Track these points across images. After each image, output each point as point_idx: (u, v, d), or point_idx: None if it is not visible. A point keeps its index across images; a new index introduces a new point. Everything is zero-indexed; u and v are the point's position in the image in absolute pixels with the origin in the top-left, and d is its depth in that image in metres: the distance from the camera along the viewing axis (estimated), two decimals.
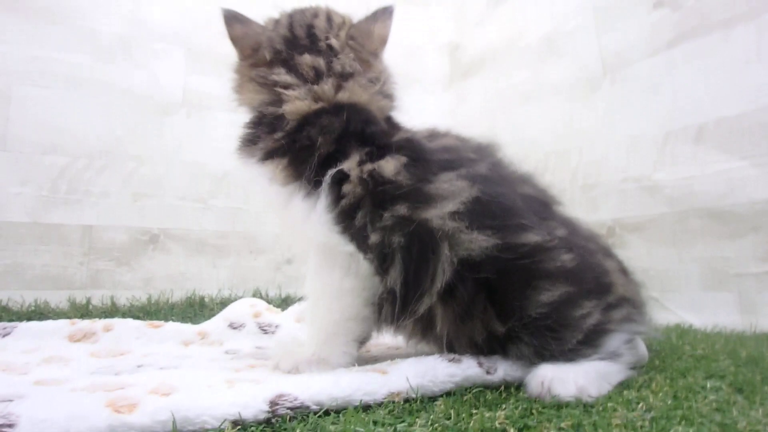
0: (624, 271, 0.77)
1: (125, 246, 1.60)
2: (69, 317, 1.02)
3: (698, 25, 1.35)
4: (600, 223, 1.54)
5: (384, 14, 0.80)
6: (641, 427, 0.49)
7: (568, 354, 0.63)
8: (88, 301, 1.41)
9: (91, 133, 1.58)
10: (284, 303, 1.38)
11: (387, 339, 0.84)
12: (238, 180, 1.76)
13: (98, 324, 0.89)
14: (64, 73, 1.56)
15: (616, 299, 0.69)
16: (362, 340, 0.75)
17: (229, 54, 0.79)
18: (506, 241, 0.63)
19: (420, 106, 2.30)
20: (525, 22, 1.90)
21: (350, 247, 0.67)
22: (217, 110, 1.76)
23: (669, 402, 0.57)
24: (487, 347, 0.67)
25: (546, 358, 0.63)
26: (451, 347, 0.67)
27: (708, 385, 0.63)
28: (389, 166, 0.66)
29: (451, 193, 0.65)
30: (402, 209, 0.64)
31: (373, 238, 0.65)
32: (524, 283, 0.63)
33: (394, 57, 0.84)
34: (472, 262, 0.63)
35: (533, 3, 1.88)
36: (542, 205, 0.74)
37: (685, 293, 1.34)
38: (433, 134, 0.78)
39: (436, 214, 0.64)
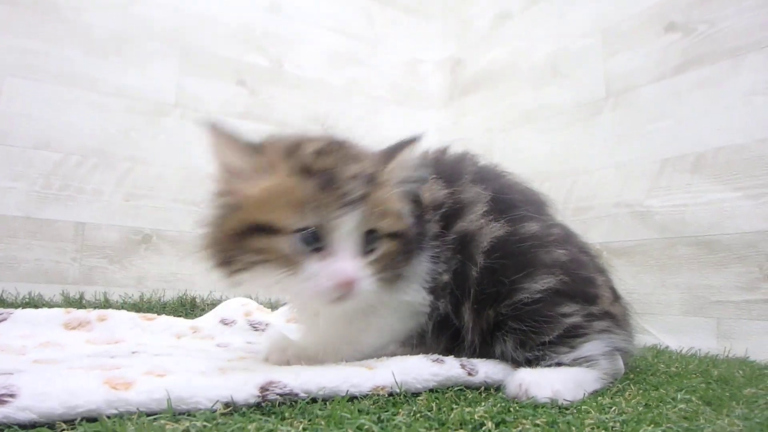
0: (614, 290, 0.80)
1: (117, 245, 1.61)
2: None
3: (709, 51, 1.34)
4: None
5: None
6: (612, 427, 0.52)
7: (546, 347, 0.67)
8: (81, 296, 1.42)
9: (83, 130, 1.58)
10: (273, 307, 1.40)
11: None
12: None
13: (93, 314, 0.91)
14: (55, 67, 1.55)
15: (599, 311, 0.73)
16: None
17: (223, 57, 0.80)
18: (514, 229, 0.72)
19: (417, 121, 2.35)
20: (530, 40, 1.91)
21: (425, 307, 0.70)
22: (211, 113, 1.76)
23: (640, 409, 0.60)
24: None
25: (526, 350, 0.67)
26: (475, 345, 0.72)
27: (678, 397, 0.66)
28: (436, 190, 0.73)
29: (476, 197, 0.73)
30: (461, 225, 0.71)
31: (446, 277, 0.70)
32: (520, 269, 0.69)
33: (392, 70, 0.88)
34: (486, 249, 0.71)
35: (540, 21, 1.88)
36: (539, 203, 0.82)
37: (665, 317, 1.38)
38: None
39: (472, 219, 0.71)
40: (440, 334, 0.75)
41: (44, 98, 1.54)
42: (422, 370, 0.63)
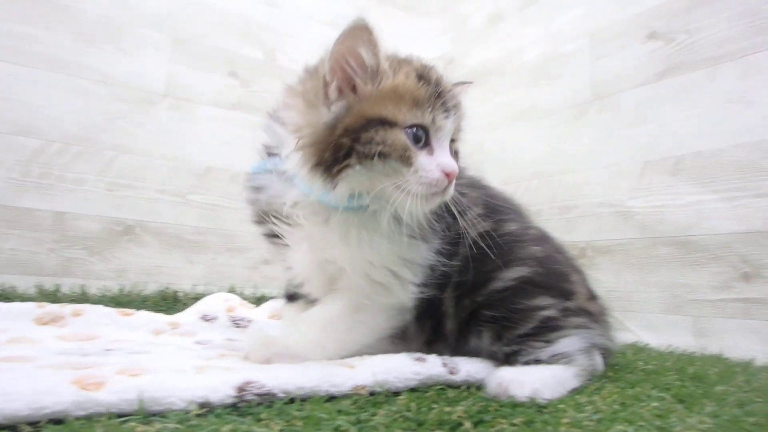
0: (589, 289, 0.82)
1: (98, 235, 1.57)
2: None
3: (688, 60, 1.40)
4: (573, 244, 1.60)
5: None
6: (587, 426, 0.52)
7: (522, 341, 0.69)
8: (57, 289, 1.38)
9: (67, 117, 1.54)
10: (259, 302, 1.39)
11: None
12: (219, 177, 1.77)
13: (67, 309, 0.88)
14: (42, 51, 1.51)
15: (575, 307, 0.75)
16: None
17: (216, 47, 0.79)
18: (495, 226, 0.77)
19: None
20: (522, 41, 1.94)
21: (411, 302, 0.71)
22: (201, 104, 1.75)
23: (616, 407, 0.60)
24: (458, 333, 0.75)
25: (503, 343, 0.70)
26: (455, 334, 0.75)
27: (653, 395, 0.67)
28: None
29: (473, 200, 0.77)
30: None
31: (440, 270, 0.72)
32: (496, 261, 0.72)
33: None
34: (469, 244, 0.73)
35: (533, 22, 1.92)
36: (519, 210, 0.87)
37: (646, 314, 1.41)
38: None
39: (468, 218, 0.73)
40: (422, 326, 0.76)
41: (27, 83, 1.49)
42: (404, 368, 0.63)
